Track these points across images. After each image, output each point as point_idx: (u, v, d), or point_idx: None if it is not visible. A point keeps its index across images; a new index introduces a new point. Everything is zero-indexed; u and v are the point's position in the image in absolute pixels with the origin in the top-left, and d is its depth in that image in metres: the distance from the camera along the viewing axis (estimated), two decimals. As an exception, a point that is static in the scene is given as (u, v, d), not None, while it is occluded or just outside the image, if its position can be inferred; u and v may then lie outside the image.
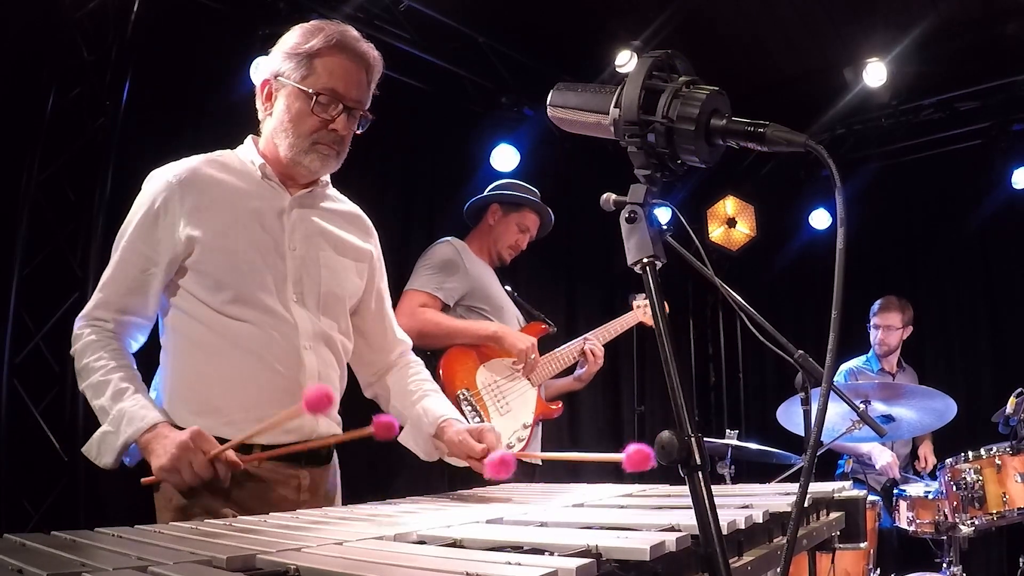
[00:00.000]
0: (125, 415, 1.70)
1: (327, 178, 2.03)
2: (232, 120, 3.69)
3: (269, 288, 1.85)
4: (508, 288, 3.66)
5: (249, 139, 1.99)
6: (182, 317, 1.84)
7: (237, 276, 1.82)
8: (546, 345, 3.62)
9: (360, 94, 1.88)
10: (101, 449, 1.72)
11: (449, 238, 3.58)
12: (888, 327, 4.79)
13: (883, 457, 4.37)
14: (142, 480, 1.70)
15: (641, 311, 3.95)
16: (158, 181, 1.85)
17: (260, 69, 1.95)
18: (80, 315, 1.86)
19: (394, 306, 2.77)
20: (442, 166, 4.97)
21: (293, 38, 1.87)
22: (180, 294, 1.84)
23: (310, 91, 1.82)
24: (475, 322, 3.33)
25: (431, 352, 3.28)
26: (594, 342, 3.67)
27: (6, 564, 0.88)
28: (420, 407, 2.04)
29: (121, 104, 3.48)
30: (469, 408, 3.21)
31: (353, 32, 1.89)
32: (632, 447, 1.54)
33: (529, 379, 3.45)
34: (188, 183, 1.83)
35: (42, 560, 0.92)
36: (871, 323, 4.86)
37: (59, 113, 3.40)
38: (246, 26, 3.89)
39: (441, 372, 3.25)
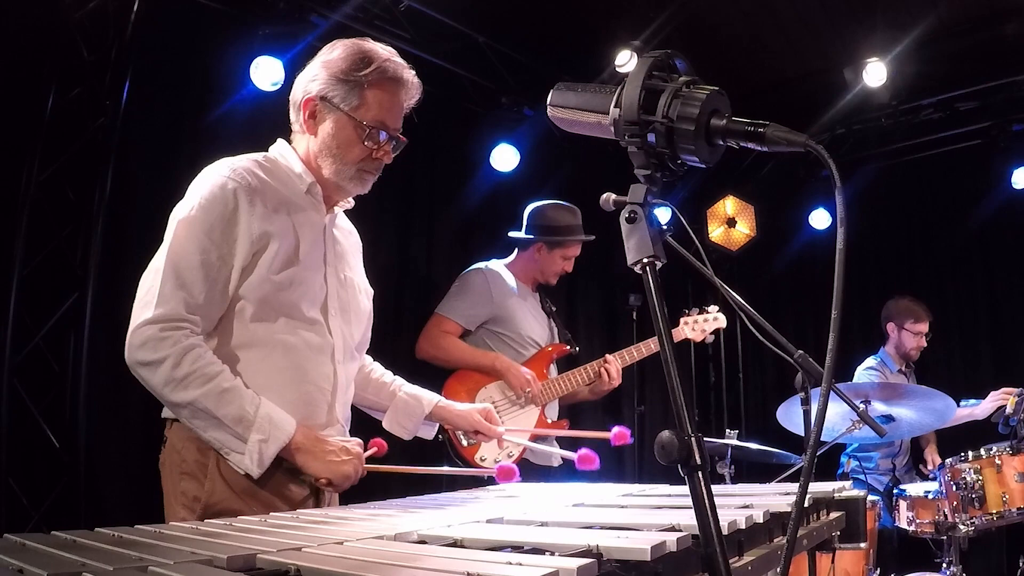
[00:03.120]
0: (271, 421, 1.73)
1: (352, 200, 2.09)
2: (232, 120, 3.72)
3: (315, 301, 1.90)
4: (551, 306, 3.96)
5: (286, 146, 1.98)
6: (228, 325, 1.83)
7: (295, 287, 1.84)
8: (569, 363, 3.87)
9: (400, 123, 1.95)
10: (262, 459, 1.72)
11: (482, 265, 3.83)
12: (926, 335, 4.83)
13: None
14: (318, 483, 1.80)
15: (689, 327, 4.03)
16: (223, 179, 1.81)
17: (301, 84, 1.93)
18: (153, 318, 1.71)
19: (422, 325, 3.70)
20: (442, 166, 4.96)
21: (342, 61, 1.87)
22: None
23: (364, 123, 1.86)
24: (482, 353, 3.68)
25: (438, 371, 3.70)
26: (613, 362, 3.77)
27: (6, 564, 0.88)
28: (405, 394, 2.23)
29: (121, 104, 3.47)
30: None
31: (400, 60, 1.93)
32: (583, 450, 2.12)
33: (533, 400, 3.67)
34: (254, 188, 1.83)
35: (42, 560, 0.92)
36: (904, 328, 4.84)
37: (59, 113, 3.39)
38: (246, 26, 3.88)
39: (442, 393, 3.51)
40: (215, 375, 1.71)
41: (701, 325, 4.01)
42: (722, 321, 3.99)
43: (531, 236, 3.81)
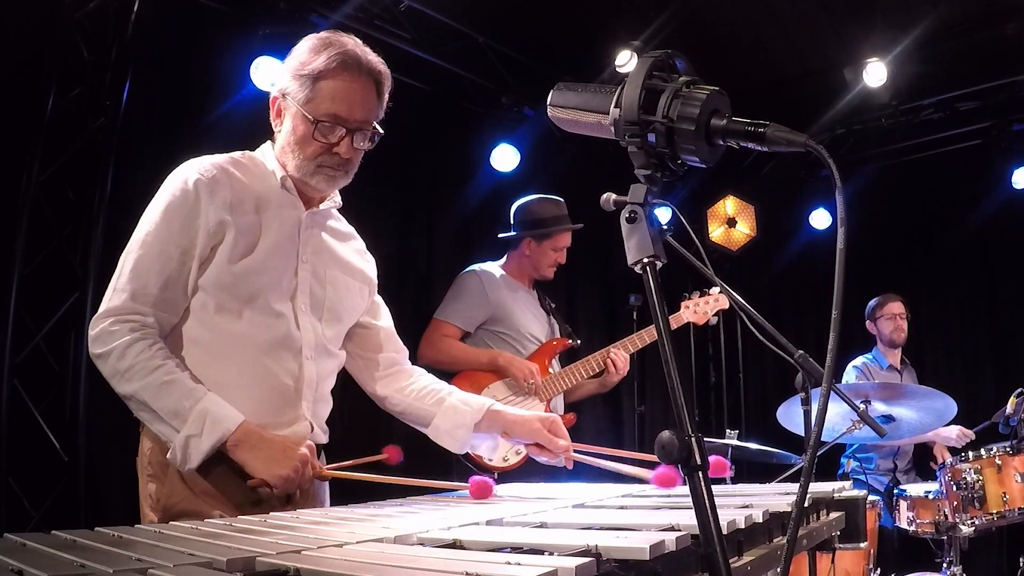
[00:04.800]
0: (208, 415, 1.68)
1: (339, 199, 2.05)
2: (232, 119, 3.72)
3: (283, 295, 1.87)
4: (549, 303, 3.97)
5: (267, 145, 1.98)
6: (187, 318, 1.82)
7: (255, 278, 1.82)
8: (572, 356, 3.87)
9: (366, 113, 1.86)
10: (188, 455, 1.67)
11: (475, 267, 3.85)
12: (901, 315, 4.90)
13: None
14: (250, 483, 1.70)
15: (690, 311, 4.00)
16: (187, 174, 1.82)
17: (274, 83, 1.93)
18: (105, 311, 1.74)
19: (423, 324, 3.69)
20: (442, 166, 4.97)
21: (300, 55, 1.85)
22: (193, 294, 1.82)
23: (311, 118, 1.81)
24: (484, 352, 3.68)
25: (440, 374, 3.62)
26: (617, 353, 3.77)
27: (6, 564, 0.88)
28: (455, 400, 2.06)
29: (121, 104, 3.47)
30: None
31: (357, 49, 1.85)
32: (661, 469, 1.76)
33: (537, 395, 3.67)
34: (217, 180, 1.82)
35: (42, 560, 0.92)
36: (878, 318, 4.93)
37: (59, 113, 3.39)
38: (246, 26, 3.89)
39: None
40: (155, 368, 1.69)
41: (703, 308, 3.98)
42: (724, 302, 3.94)
43: (518, 232, 3.83)
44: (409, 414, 2.12)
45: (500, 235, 3.92)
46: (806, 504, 1.50)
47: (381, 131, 1.90)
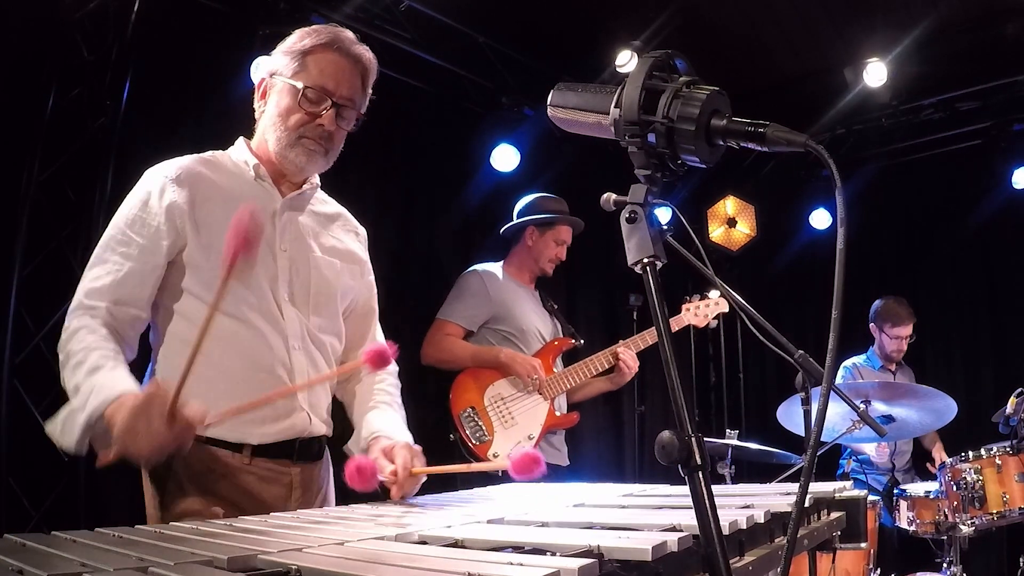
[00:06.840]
0: (95, 388, 1.57)
1: (317, 180, 2.03)
2: (232, 120, 3.69)
3: (261, 287, 1.85)
4: (552, 304, 3.99)
5: (240, 140, 2.00)
6: (170, 315, 1.82)
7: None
8: (574, 356, 3.88)
9: (351, 93, 1.89)
10: (64, 428, 1.59)
11: (477, 267, 3.88)
12: (906, 338, 4.82)
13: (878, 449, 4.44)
14: (97, 462, 1.51)
15: (691, 314, 4.06)
16: (153, 177, 1.84)
17: (259, 70, 1.98)
18: (69, 310, 1.75)
19: (423, 323, 3.70)
20: (442, 166, 4.96)
21: (291, 39, 1.91)
22: (170, 291, 1.82)
23: (299, 85, 1.84)
24: (486, 349, 3.70)
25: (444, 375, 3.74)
26: (625, 351, 3.80)
27: (6, 564, 0.88)
28: (365, 418, 1.99)
29: (121, 104, 3.48)
30: (472, 424, 3.56)
31: (348, 34, 1.92)
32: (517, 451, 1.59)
33: (541, 393, 3.68)
34: (183, 180, 1.83)
35: (42, 560, 0.92)
36: (884, 331, 4.85)
37: (59, 113, 3.39)
38: (246, 26, 3.88)
39: (451, 393, 3.62)
40: (78, 352, 1.65)
41: (703, 311, 4.06)
42: (724, 306, 4.04)
43: (522, 220, 3.87)
44: (346, 408, 2.10)
45: (504, 227, 3.95)
46: (806, 504, 1.50)
47: (363, 116, 1.93)
